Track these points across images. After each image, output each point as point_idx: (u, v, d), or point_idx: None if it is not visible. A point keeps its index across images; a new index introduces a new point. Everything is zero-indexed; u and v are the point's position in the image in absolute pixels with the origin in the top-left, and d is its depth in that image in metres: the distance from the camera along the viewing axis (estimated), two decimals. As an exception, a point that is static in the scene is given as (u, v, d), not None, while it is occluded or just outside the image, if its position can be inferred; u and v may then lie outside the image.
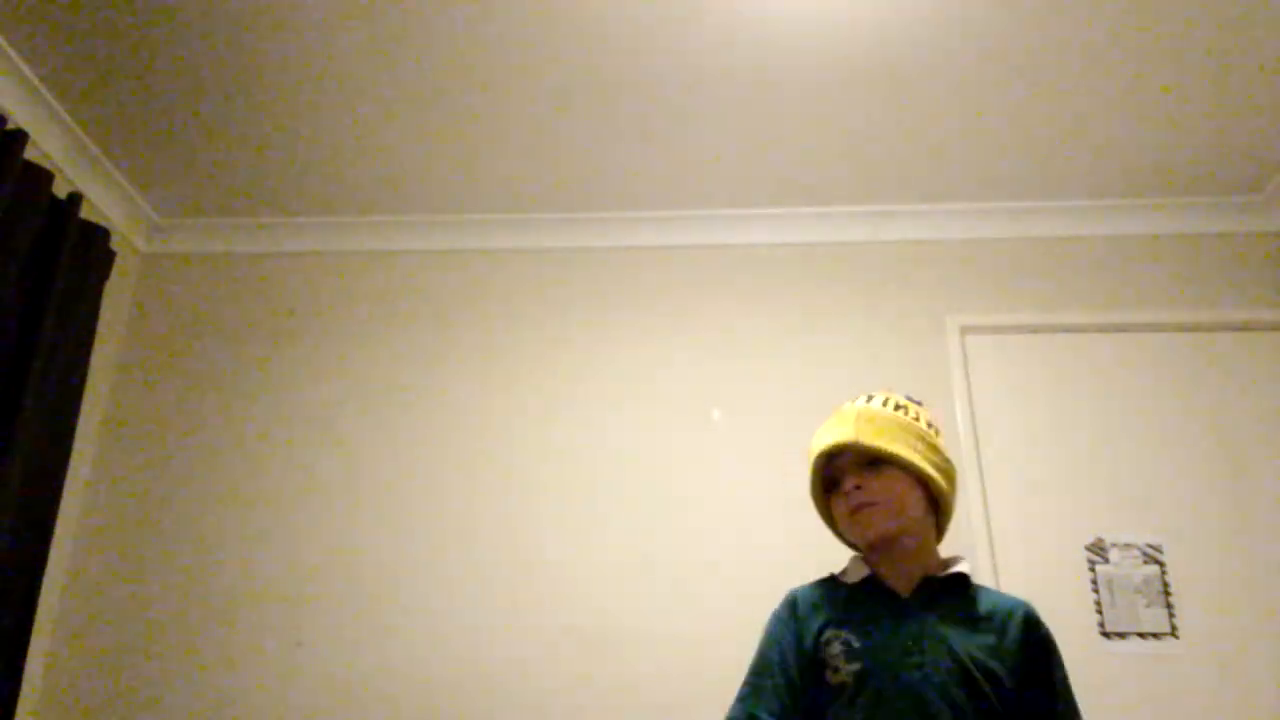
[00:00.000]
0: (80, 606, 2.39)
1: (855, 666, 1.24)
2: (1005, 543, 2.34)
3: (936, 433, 1.40)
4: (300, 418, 2.58)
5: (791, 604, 1.38)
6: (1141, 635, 2.24)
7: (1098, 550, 2.33)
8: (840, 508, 1.36)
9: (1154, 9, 2.00)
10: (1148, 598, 2.27)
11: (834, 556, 2.38)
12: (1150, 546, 2.32)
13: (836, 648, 1.26)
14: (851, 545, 1.43)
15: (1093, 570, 2.31)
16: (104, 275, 2.41)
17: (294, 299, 2.73)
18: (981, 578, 2.29)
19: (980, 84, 2.22)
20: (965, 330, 2.57)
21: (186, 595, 2.39)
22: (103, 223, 2.48)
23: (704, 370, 2.58)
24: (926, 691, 1.20)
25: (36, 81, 2.20)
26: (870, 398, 1.42)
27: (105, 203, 2.56)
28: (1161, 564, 2.30)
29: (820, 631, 1.29)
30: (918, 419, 1.39)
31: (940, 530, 1.39)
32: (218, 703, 2.28)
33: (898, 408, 1.39)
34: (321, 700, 2.27)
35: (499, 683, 2.27)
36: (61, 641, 2.35)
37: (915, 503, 1.33)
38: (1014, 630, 1.28)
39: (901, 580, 1.32)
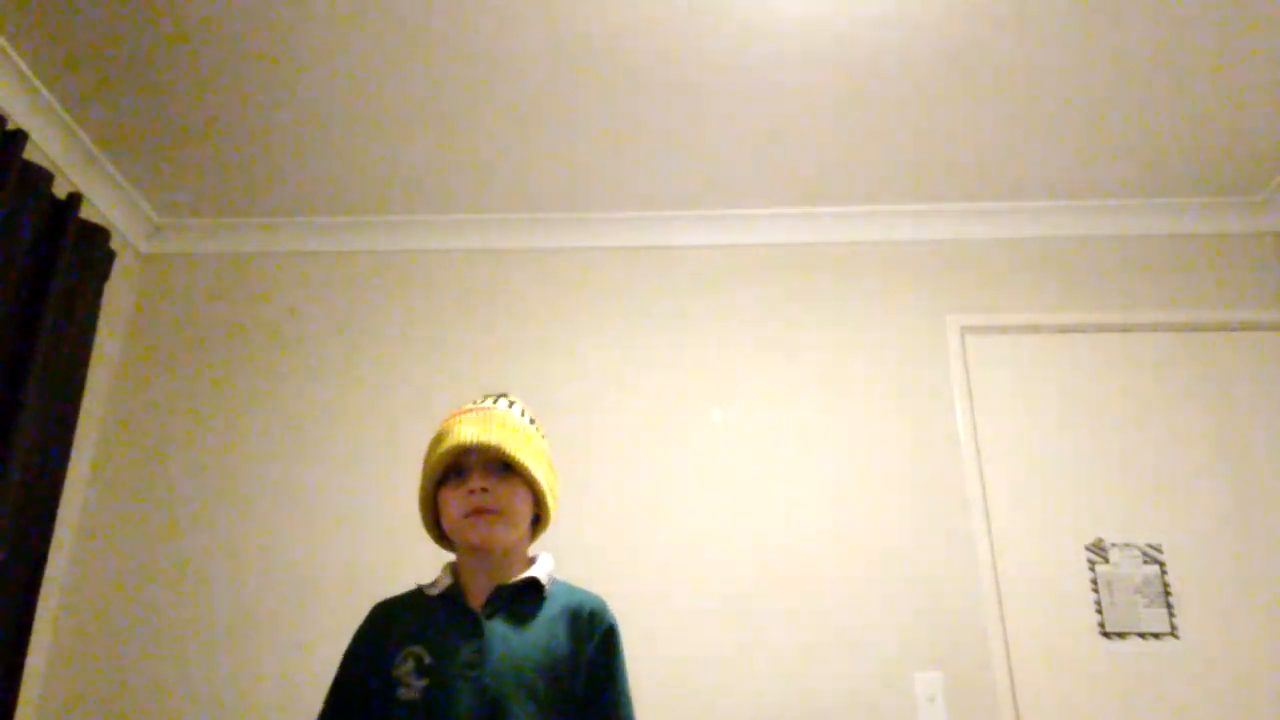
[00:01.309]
0: (80, 606, 2.39)
1: (423, 683, 1.24)
2: (1005, 543, 2.34)
3: (549, 447, 1.45)
4: (300, 417, 2.58)
5: (373, 619, 1.38)
6: (1141, 635, 2.24)
7: (1098, 550, 2.33)
8: (456, 503, 1.33)
9: (1154, 9, 2.00)
10: (1148, 598, 2.27)
11: (834, 555, 2.38)
12: (1150, 546, 2.32)
13: (409, 665, 1.26)
14: (440, 541, 1.42)
15: (1093, 570, 2.31)
16: (104, 275, 2.41)
17: (294, 299, 2.73)
18: (982, 578, 2.29)
19: (980, 85, 2.22)
20: (965, 330, 2.57)
21: (186, 595, 2.39)
22: (103, 223, 2.49)
23: (704, 370, 2.58)
24: (483, 707, 1.20)
25: (36, 81, 2.20)
26: (511, 403, 1.43)
27: (105, 203, 2.56)
28: (1161, 564, 2.30)
29: (398, 647, 1.29)
30: (544, 438, 1.44)
31: (535, 534, 1.43)
32: (218, 703, 2.28)
33: (531, 421, 1.42)
34: (321, 698, 2.27)
35: (499, 683, 2.27)
36: (61, 641, 2.35)
37: (527, 517, 1.37)
38: (580, 631, 1.31)
39: (480, 591, 1.33)
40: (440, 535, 1.42)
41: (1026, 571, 2.31)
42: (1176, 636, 2.24)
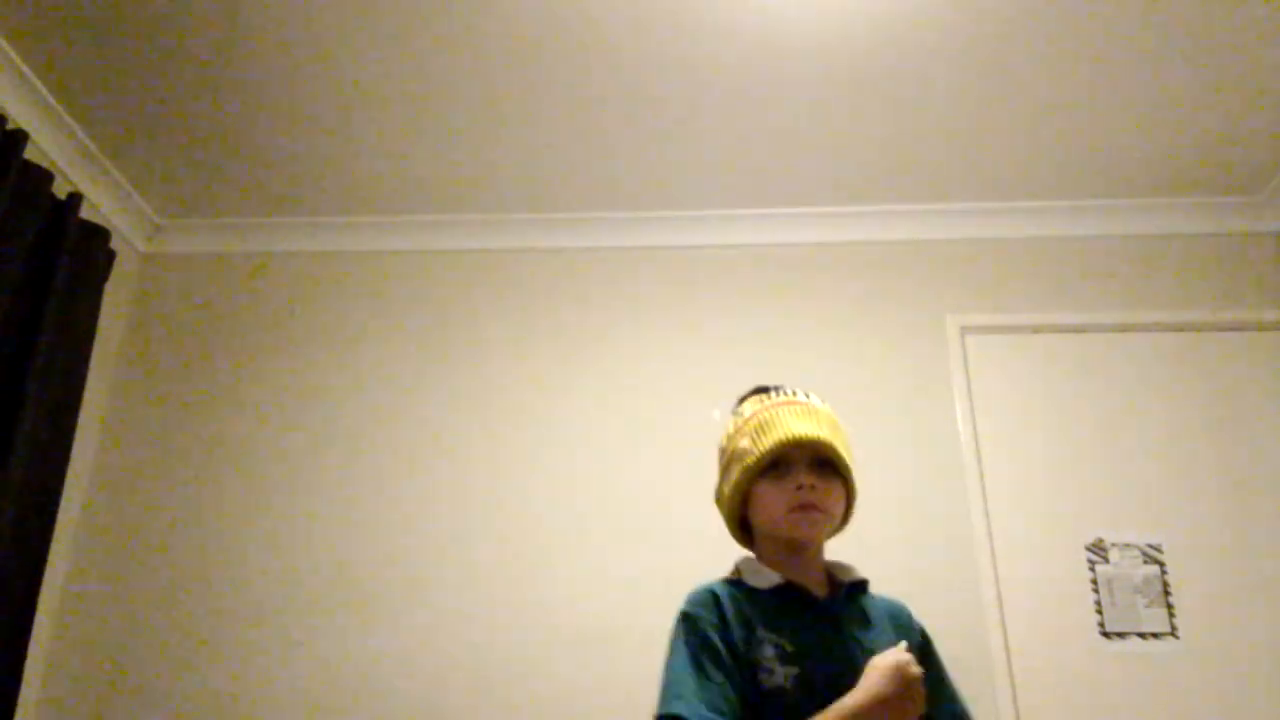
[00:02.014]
0: (80, 606, 2.39)
1: (792, 670, 1.20)
2: (1005, 543, 2.34)
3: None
4: (300, 417, 2.58)
5: (714, 602, 1.30)
6: (1141, 635, 2.24)
7: (1098, 550, 2.33)
8: (782, 497, 1.29)
9: (1154, 10, 2.00)
10: (1148, 598, 2.27)
11: (833, 555, 2.37)
12: (1150, 546, 2.32)
13: (770, 650, 1.22)
14: (741, 538, 1.40)
15: (1093, 570, 2.31)
16: (104, 275, 2.41)
17: (294, 299, 2.73)
18: (982, 577, 2.29)
19: (981, 84, 2.22)
20: (965, 330, 2.57)
21: (186, 594, 2.39)
22: (103, 223, 2.48)
23: (704, 370, 2.58)
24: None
25: (36, 81, 2.20)
26: (808, 395, 1.39)
27: (105, 203, 2.56)
28: (1161, 564, 2.30)
29: (750, 631, 1.24)
30: (845, 431, 1.39)
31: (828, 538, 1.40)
32: (218, 702, 2.28)
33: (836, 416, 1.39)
34: (321, 700, 2.27)
35: (499, 682, 2.27)
36: (61, 641, 2.35)
37: (840, 514, 1.34)
38: (906, 632, 1.32)
39: (812, 584, 1.31)
40: (739, 532, 1.40)
41: (1026, 571, 2.31)
42: (1176, 636, 2.24)
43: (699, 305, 2.66)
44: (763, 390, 1.41)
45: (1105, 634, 2.25)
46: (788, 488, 1.28)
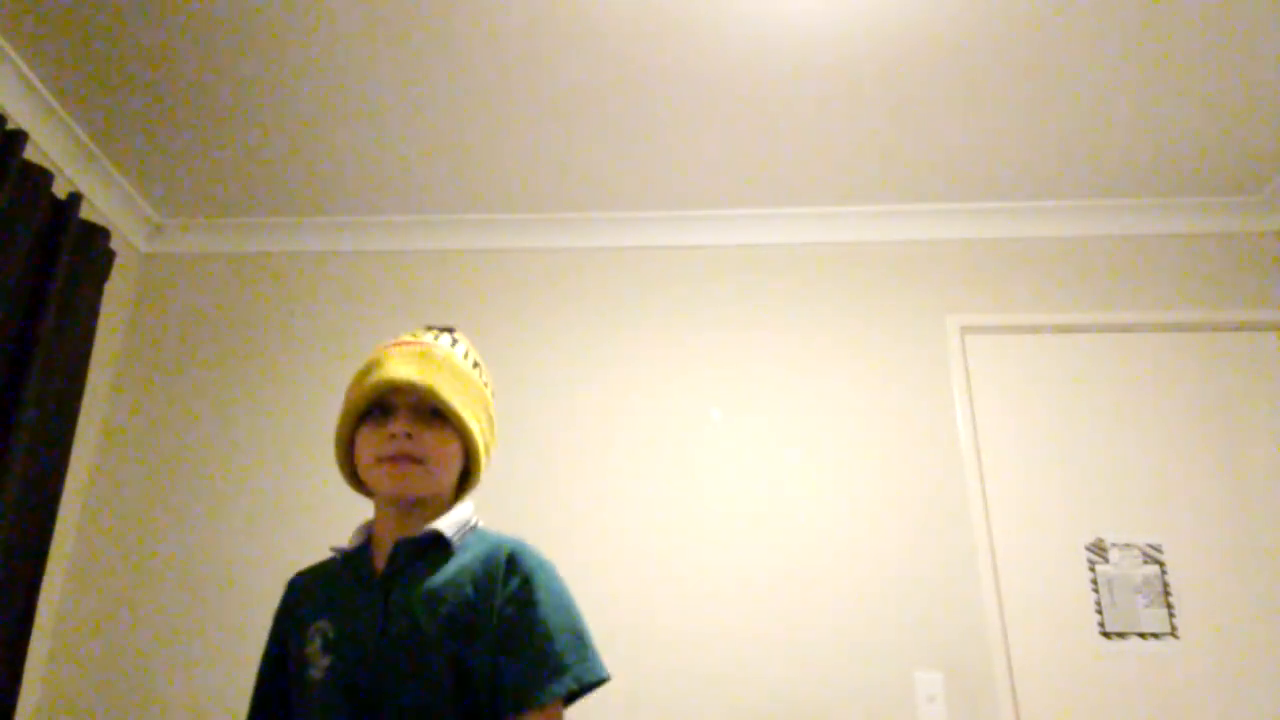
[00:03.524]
0: (80, 606, 2.39)
1: (327, 659, 1.09)
2: (1005, 543, 2.34)
3: (492, 396, 1.28)
4: (300, 417, 2.58)
5: (287, 593, 1.23)
6: (1141, 635, 2.24)
7: (1098, 550, 2.33)
8: (373, 445, 1.17)
9: (1154, 9, 2.00)
10: (1148, 598, 2.27)
11: (833, 555, 2.38)
12: (1150, 546, 2.32)
13: (318, 641, 1.11)
14: (358, 487, 1.26)
15: (1093, 570, 2.31)
16: (104, 275, 2.41)
17: (294, 299, 2.73)
18: (981, 578, 2.29)
19: (980, 84, 2.22)
20: (965, 330, 2.57)
21: (186, 595, 2.39)
22: (103, 223, 2.49)
23: (704, 370, 2.58)
24: (383, 681, 1.06)
25: (36, 81, 2.20)
26: (455, 341, 1.26)
27: (105, 203, 2.56)
28: (1161, 564, 2.30)
29: (309, 623, 1.14)
30: (486, 385, 1.26)
31: (459, 494, 1.26)
32: (218, 703, 2.28)
33: (475, 365, 1.26)
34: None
35: (499, 683, 2.27)
36: (61, 641, 2.35)
37: (454, 470, 1.21)
38: (492, 574, 1.12)
39: (387, 549, 1.17)
40: (354, 481, 1.26)
41: (1026, 571, 2.31)
42: (1176, 636, 2.24)
43: (698, 305, 2.66)
44: (425, 330, 1.29)
45: (1105, 634, 2.25)
46: (383, 435, 1.16)
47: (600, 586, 2.36)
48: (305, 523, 2.45)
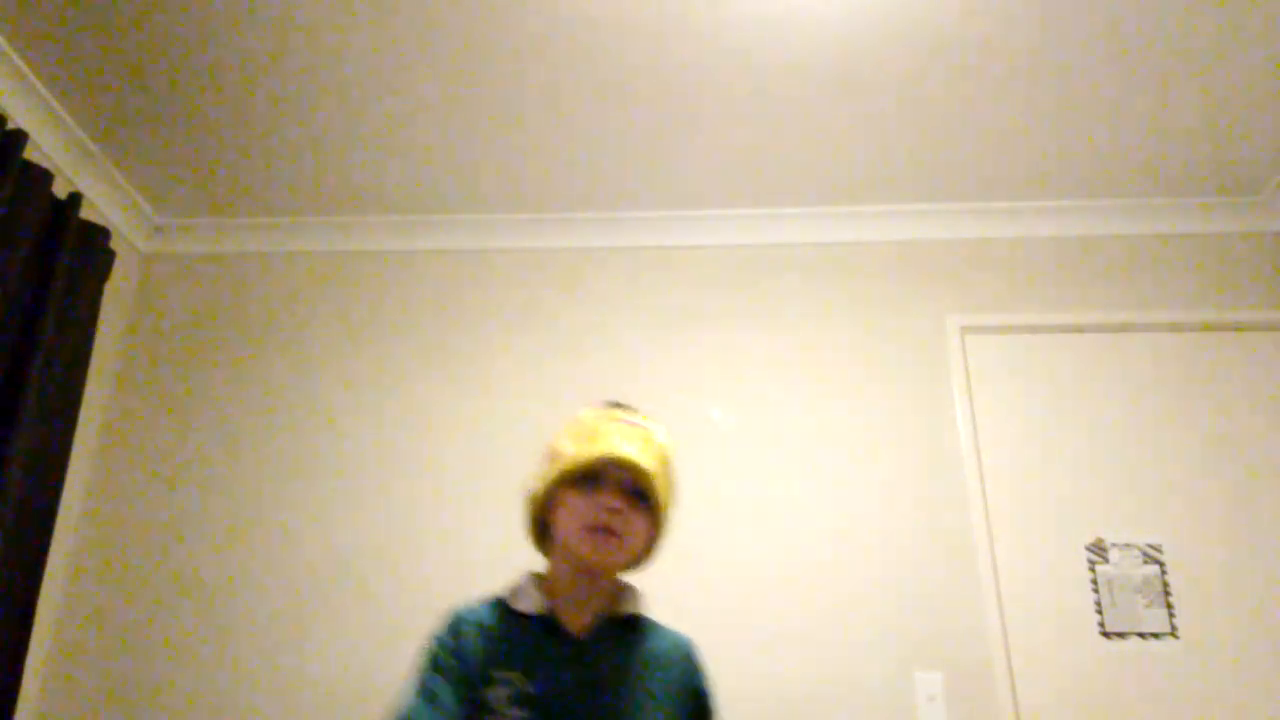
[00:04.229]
0: (80, 607, 2.39)
1: (523, 714, 1.12)
2: (1005, 543, 2.34)
3: None
4: (300, 418, 2.58)
5: (455, 629, 1.23)
6: (1141, 635, 2.24)
7: (1098, 550, 2.33)
8: (583, 512, 1.22)
9: (1154, 9, 2.00)
10: (1148, 598, 2.27)
11: (833, 554, 2.38)
12: (1150, 546, 2.32)
13: (502, 691, 1.14)
14: (537, 542, 1.32)
15: (1093, 570, 2.31)
16: (104, 275, 2.41)
17: (294, 299, 2.73)
18: (981, 578, 2.29)
19: (980, 84, 2.22)
20: (965, 330, 2.57)
21: (186, 595, 2.39)
22: (103, 223, 2.48)
23: (704, 370, 2.58)
24: None
25: (36, 81, 2.20)
26: (665, 433, 1.33)
27: (105, 203, 2.56)
28: (1161, 564, 2.30)
29: (486, 668, 1.17)
30: (675, 470, 1.33)
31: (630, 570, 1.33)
32: (218, 703, 2.28)
33: (669, 458, 1.32)
34: (321, 699, 2.27)
35: (499, 683, 2.27)
36: (61, 641, 2.35)
37: (640, 551, 1.29)
38: (678, 672, 1.25)
39: (579, 617, 1.23)
40: (538, 536, 1.32)
41: (1026, 571, 2.31)
42: (1176, 636, 2.24)
43: (698, 305, 2.66)
44: (616, 406, 1.34)
45: (1105, 634, 2.25)
46: (594, 504, 1.22)
47: (600, 586, 2.35)
48: (305, 523, 2.45)
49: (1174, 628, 2.24)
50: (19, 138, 2.07)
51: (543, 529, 1.31)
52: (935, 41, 2.10)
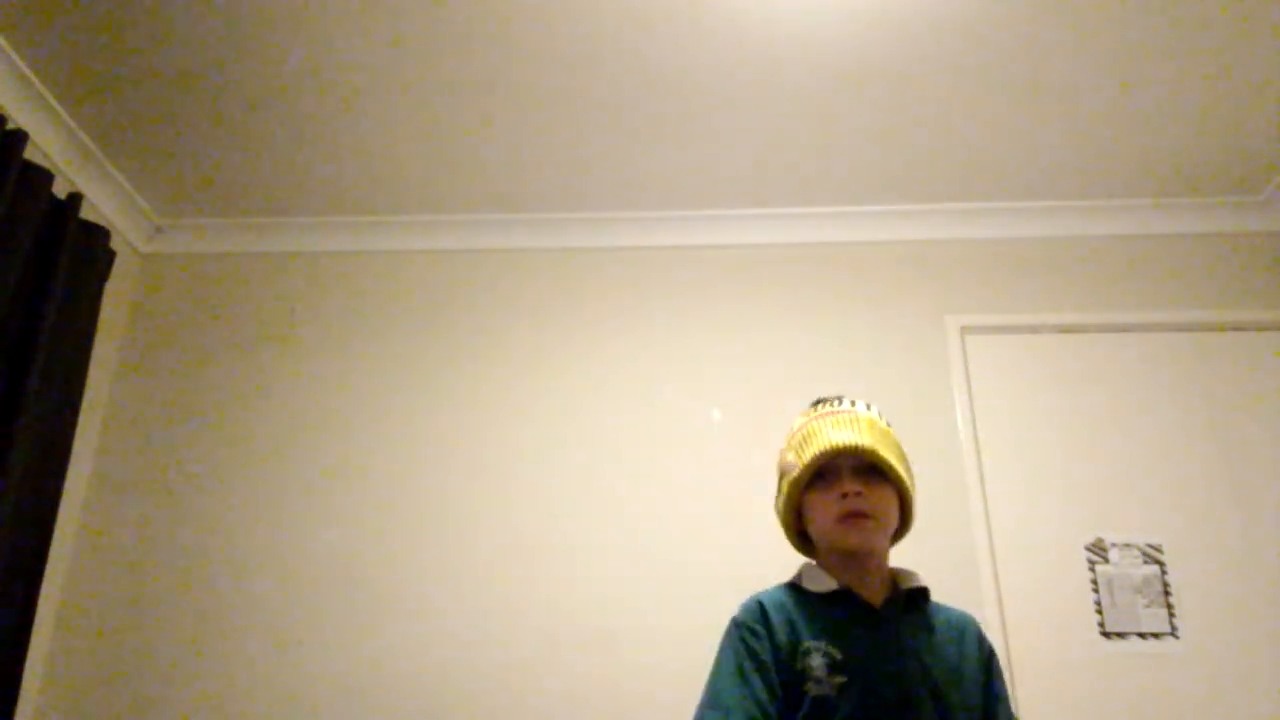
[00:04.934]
0: (80, 606, 2.39)
1: (839, 679, 1.19)
2: (1005, 543, 2.34)
3: None
4: (300, 417, 2.58)
5: (760, 612, 1.31)
6: (1141, 635, 2.24)
7: (1098, 550, 2.33)
8: (829, 507, 1.30)
9: (1154, 9, 2.00)
10: (1148, 598, 2.27)
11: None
12: (1150, 546, 2.32)
13: (817, 659, 1.21)
14: (801, 547, 1.41)
15: (1093, 570, 2.31)
16: (104, 275, 2.41)
17: (294, 299, 2.73)
18: (982, 578, 2.30)
19: (980, 84, 2.22)
20: (965, 330, 2.57)
21: (186, 595, 2.39)
22: (103, 223, 2.48)
23: (704, 370, 2.58)
24: (901, 707, 1.18)
25: (36, 81, 2.20)
26: (868, 405, 1.41)
27: (105, 203, 2.56)
28: (1161, 564, 2.30)
29: (796, 641, 1.24)
30: (895, 435, 1.40)
31: (893, 543, 1.39)
32: (218, 702, 2.28)
33: (888, 424, 1.40)
34: (322, 699, 2.27)
35: (499, 680, 2.27)
36: (61, 641, 2.35)
37: (895, 521, 1.33)
38: (970, 644, 1.30)
39: (871, 591, 1.30)
40: (803, 549, 1.41)
41: (1026, 571, 2.31)
42: (1176, 636, 2.24)
43: (698, 305, 2.66)
44: (820, 402, 1.43)
45: (1105, 634, 2.25)
46: (834, 497, 1.29)
47: (599, 586, 2.36)
48: (305, 522, 2.45)
49: (1174, 628, 2.24)
50: (19, 138, 2.07)
51: (805, 540, 1.40)
52: (936, 44, 2.09)
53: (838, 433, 1.32)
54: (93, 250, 2.35)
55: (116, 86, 2.24)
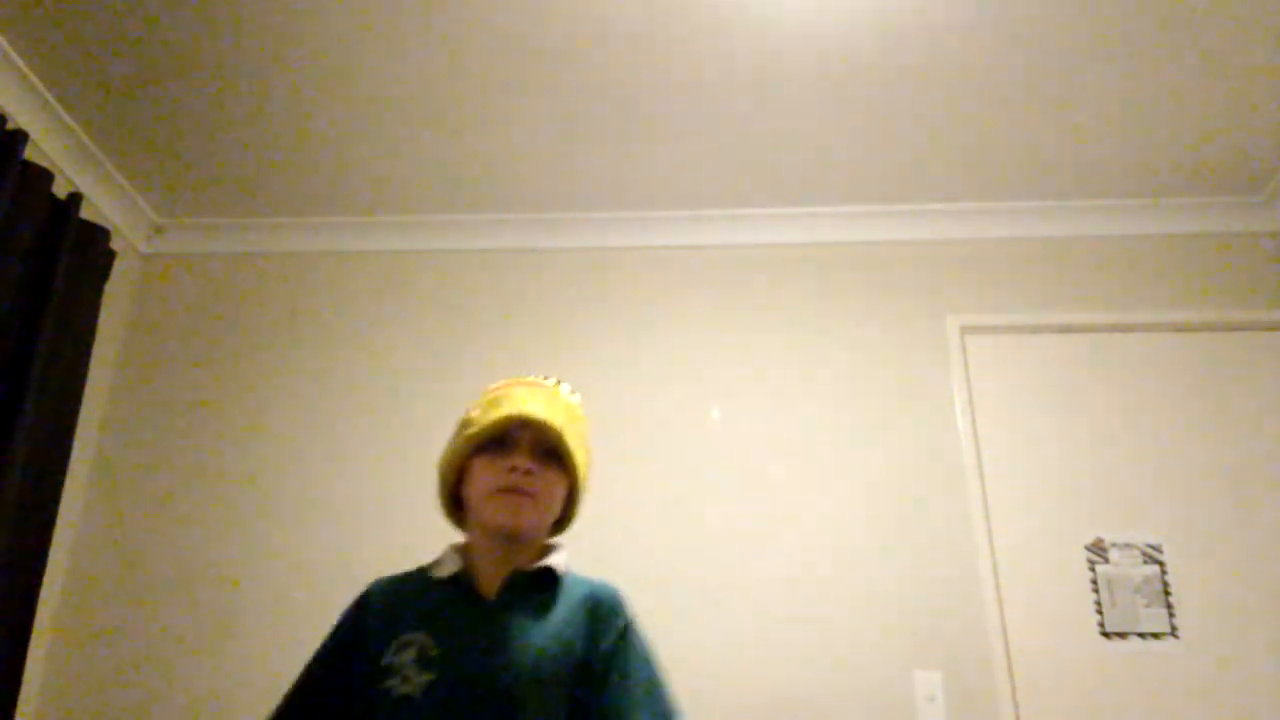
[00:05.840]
0: (80, 606, 2.39)
1: (426, 677, 1.11)
2: (1005, 543, 2.34)
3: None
4: (300, 418, 2.58)
5: (366, 598, 1.24)
6: (1141, 635, 2.24)
7: (1098, 550, 2.33)
8: (491, 476, 1.20)
9: (1154, 9, 2.00)
10: (1148, 598, 2.27)
11: (833, 554, 2.38)
12: (1150, 546, 2.32)
13: (410, 654, 1.13)
14: (451, 515, 1.30)
15: (1093, 570, 2.31)
16: (104, 275, 2.41)
17: (294, 299, 2.73)
18: (981, 578, 2.29)
19: (980, 84, 2.22)
20: (965, 330, 2.57)
21: (186, 594, 2.39)
22: (103, 223, 2.49)
23: (703, 370, 2.58)
24: (495, 705, 1.09)
25: (36, 81, 2.20)
26: (572, 390, 1.33)
27: (105, 203, 2.56)
28: (1161, 564, 2.30)
29: (394, 635, 1.16)
30: (586, 425, 1.32)
31: (555, 531, 1.32)
32: (218, 702, 2.28)
33: (582, 412, 1.32)
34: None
35: (499, 683, 2.27)
36: (61, 641, 2.35)
37: (557, 511, 1.27)
38: (596, 623, 1.18)
39: (492, 578, 1.20)
40: (452, 509, 1.30)
41: (1026, 571, 2.31)
42: (1176, 636, 2.24)
43: (697, 305, 2.66)
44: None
45: (1105, 634, 2.25)
46: (502, 467, 1.20)
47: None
48: (306, 522, 2.45)
49: (1174, 628, 2.24)
50: (19, 138, 2.07)
51: (458, 503, 1.28)
52: (935, 44, 2.10)
53: (531, 404, 1.23)
54: (93, 250, 2.35)
55: (116, 86, 2.24)
